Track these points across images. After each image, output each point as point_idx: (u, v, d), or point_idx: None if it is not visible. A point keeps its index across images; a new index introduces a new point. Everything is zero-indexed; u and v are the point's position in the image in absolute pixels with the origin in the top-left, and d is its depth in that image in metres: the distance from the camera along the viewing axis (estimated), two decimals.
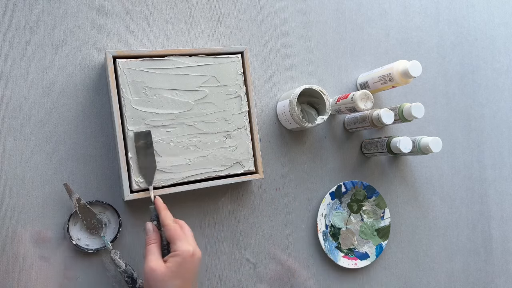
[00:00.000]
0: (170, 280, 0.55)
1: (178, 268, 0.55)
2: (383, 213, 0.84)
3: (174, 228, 0.59)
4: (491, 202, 0.94)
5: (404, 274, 0.86)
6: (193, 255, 0.57)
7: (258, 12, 0.79)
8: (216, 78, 0.70)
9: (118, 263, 0.66)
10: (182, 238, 0.58)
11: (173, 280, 0.55)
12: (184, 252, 0.56)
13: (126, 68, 0.65)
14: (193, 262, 0.57)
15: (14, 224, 0.65)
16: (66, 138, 0.68)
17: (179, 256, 0.56)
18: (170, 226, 0.59)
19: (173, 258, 0.56)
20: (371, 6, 0.87)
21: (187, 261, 0.56)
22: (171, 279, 0.55)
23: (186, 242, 0.57)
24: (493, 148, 0.95)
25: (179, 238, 0.57)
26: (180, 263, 0.56)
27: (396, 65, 0.74)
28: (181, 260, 0.56)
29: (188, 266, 0.56)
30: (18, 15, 0.67)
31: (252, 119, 0.72)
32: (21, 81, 0.66)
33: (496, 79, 0.96)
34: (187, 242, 0.57)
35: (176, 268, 0.55)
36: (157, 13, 0.73)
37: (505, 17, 0.97)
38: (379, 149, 0.80)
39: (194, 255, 0.57)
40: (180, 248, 0.56)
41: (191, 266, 0.56)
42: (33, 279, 0.65)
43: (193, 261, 0.57)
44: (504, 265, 0.94)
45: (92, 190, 0.68)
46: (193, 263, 0.57)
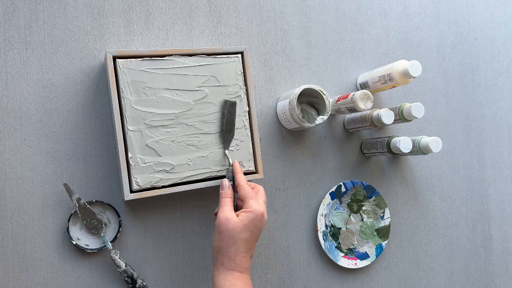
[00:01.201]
0: (240, 231, 0.59)
1: (249, 222, 0.60)
2: (383, 213, 0.84)
3: (247, 188, 0.63)
4: (491, 202, 0.94)
5: (404, 274, 0.86)
6: (263, 215, 0.61)
7: (258, 12, 0.79)
8: (216, 78, 0.70)
9: (118, 263, 0.66)
10: (254, 198, 0.62)
11: (242, 232, 0.59)
12: (256, 210, 0.60)
13: (126, 68, 0.65)
14: (261, 221, 0.61)
15: (14, 224, 0.65)
16: (66, 138, 0.68)
17: (252, 212, 0.60)
18: (244, 186, 0.64)
19: (246, 213, 0.60)
20: (371, 6, 0.87)
21: (257, 219, 0.60)
22: (242, 231, 0.59)
23: (257, 202, 0.62)
24: (493, 148, 0.95)
25: (252, 197, 0.62)
26: (252, 219, 0.60)
27: (396, 65, 0.74)
28: (253, 216, 0.60)
29: (257, 223, 0.60)
30: (18, 15, 0.67)
31: (252, 119, 0.72)
32: (21, 81, 0.66)
33: (496, 79, 0.96)
34: (258, 202, 0.62)
35: (248, 222, 0.60)
36: (157, 13, 0.73)
37: (505, 17, 0.97)
38: (379, 149, 0.80)
39: (263, 216, 0.61)
40: (253, 206, 0.61)
41: (259, 224, 0.61)
42: (33, 279, 0.65)
43: (262, 220, 0.61)
44: (504, 265, 0.94)
45: (92, 190, 0.68)
46: (262, 222, 0.61)
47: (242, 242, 0.59)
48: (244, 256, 0.60)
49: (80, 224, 0.67)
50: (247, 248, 0.60)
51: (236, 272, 0.59)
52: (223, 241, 0.60)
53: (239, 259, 0.59)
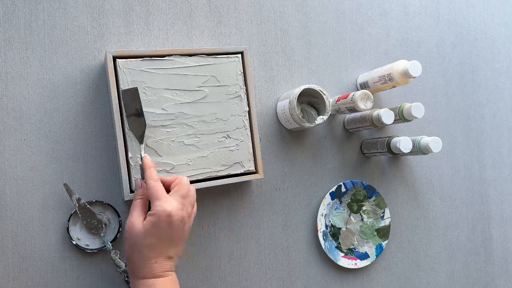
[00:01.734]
0: (144, 238, 0.55)
1: (152, 227, 0.55)
2: (383, 213, 0.84)
3: (154, 186, 0.57)
4: (491, 202, 0.94)
5: (404, 274, 0.86)
6: (170, 216, 0.55)
7: (258, 12, 0.79)
8: (216, 78, 0.70)
9: (118, 263, 0.66)
10: (161, 197, 0.56)
11: (146, 238, 0.55)
12: (159, 212, 0.55)
13: (126, 68, 0.65)
14: (169, 222, 0.55)
15: (14, 224, 0.65)
16: (66, 138, 0.68)
17: (154, 215, 0.55)
18: (150, 184, 0.58)
19: (149, 217, 0.56)
20: (371, 6, 0.87)
21: (162, 221, 0.55)
22: (145, 237, 0.55)
23: (165, 202, 0.56)
24: (493, 148, 0.95)
25: (157, 197, 0.56)
26: (154, 222, 0.55)
27: (396, 65, 0.74)
28: (155, 220, 0.55)
29: (163, 226, 0.55)
30: (18, 15, 0.67)
31: (252, 119, 0.72)
32: (21, 81, 0.66)
33: (496, 79, 0.96)
34: (166, 201, 0.56)
35: (150, 227, 0.55)
36: (157, 13, 0.73)
37: (505, 17, 0.97)
38: (379, 149, 0.80)
39: (170, 216, 0.55)
40: (157, 207, 0.55)
41: (166, 226, 0.55)
42: (33, 279, 0.65)
43: (170, 222, 0.55)
44: (504, 265, 0.94)
45: (92, 190, 0.68)
46: (169, 223, 0.55)
47: (147, 249, 0.55)
48: (155, 261, 0.55)
49: (80, 224, 0.67)
50: (156, 254, 0.55)
51: (149, 279, 0.55)
52: (129, 249, 0.56)
53: (148, 266, 0.55)
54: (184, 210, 0.57)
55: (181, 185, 0.59)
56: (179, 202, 0.57)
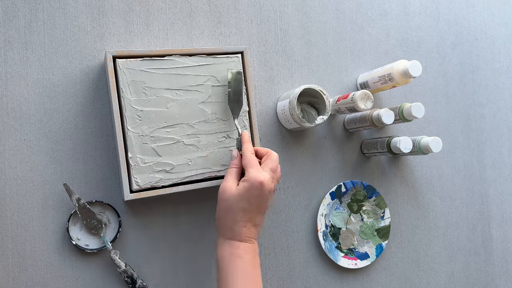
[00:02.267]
0: (236, 201, 0.59)
1: (245, 192, 0.59)
2: (383, 213, 0.84)
3: (249, 157, 0.62)
4: (491, 202, 0.94)
5: (404, 274, 0.86)
6: (262, 183, 0.59)
7: (258, 12, 0.79)
8: (216, 78, 0.69)
9: (118, 263, 0.66)
10: (255, 166, 0.61)
11: (238, 202, 0.59)
12: (252, 179, 0.59)
13: (126, 68, 0.65)
14: (260, 190, 0.59)
15: (14, 224, 0.65)
16: (66, 138, 0.68)
17: (248, 181, 0.59)
18: (246, 155, 0.63)
19: (243, 182, 0.60)
20: (371, 6, 0.87)
21: (254, 187, 0.59)
22: (237, 201, 0.59)
23: (258, 171, 0.60)
24: (493, 148, 0.95)
25: (251, 166, 0.61)
26: (248, 188, 0.59)
27: (396, 65, 0.74)
28: (249, 186, 0.59)
29: (255, 192, 0.59)
30: (18, 15, 0.67)
31: (252, 119, 0.72)
32: (21, 81, 0.66)
33: (496, 79, 0.96)
34: (259, 171, 0.60)
35: (244, 192, 0.59)
36: (157, 13, 0.73)
37: (505, 17, 0.97)
38: (379, 149, 0.80)
39: (263, 184, 0.59)
40: (251, 174, 0.59)
41: (258, 193, 0.59)
42: (33, 279, 0.65)
43: (261, 189, 0.59)
44: (504, 265, 0.94)
45: (92, 190, 0.68)
46: (261, 191, 0.59)
47: (239, 211, 0.59)
48: (244, 225, 0.59)
49: (80, 224, 0.67)
50: (246, 218, 0.59)
51: (236, 241, 0.59)
52: (221, 211, 0.60)
53: (238, 228, 0.59)
54: (273, 182, 0.62)
55: (272, 159, 0.63)
56: (269, 174, 0.61)
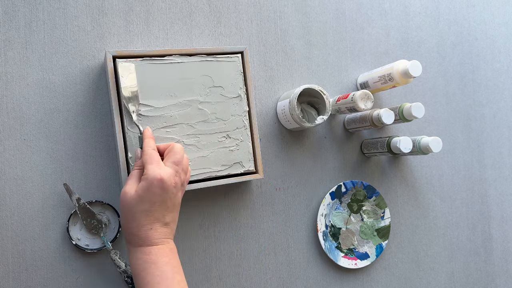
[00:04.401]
0: (136, 204, 0.54)
1: (144, 192, 0.54)
2: (383, 213, 0.84)
3: (149, 153, 0.57)
4: (491, 202, 0.94)
5: (404, 274, 0.86)
6: (162, 180, 0.54)
7: (258, 12, 0.79)
8: (215, 78, 0.69)
9: (118, 263, 0.66)
10: (153, 162, 0.56)
11: (139, 204, 0.54)
12: (150, 176, 0.54)
13: (126, 68, 0.65)
14: (161, 187, 0.54)
15: (14, 224, 0.65)
16: (66, 138, 0.68)
17: (145, 180, 0.55)
18: (145, 151, 0.58)
19: (142, 182, 0.55)
20: (371, 6, 0.87)
21: (154, 185, 0.54)
22: (138, 203, 0.54)
23: (157, 167, 0.55)
24: (493, 148, 0.95)
25: (150, 162, 0.56)
26: (147, 187, 0.54)
27: (396, 65, 0.74)
28: (147, 184, 0.54)
29: (155, 190, 0.54)
30: (18, 15, 0.67)
31: (252, 119, 0.72)
32: (21, 81, 0.66)
33: (496, 79, 0.96)
34: (158, 166, 0.55)
35: (142, 192, 0.54)
36: (157, 13, 0.73)
37: (505, 17, 0.97)
38: (379, 149, 0.80)
39: (163, 180, 0.54)
40: (148, 172, 0.55)
41: (159, 191, 0.54)
42: (33, 279, 0.65)
43: (162, 186, 0.54)
44: (504, 265, 0.94)
45: (92, 190, 0.68)
46: (162, 188, 0.54)
47: (141, 215, 0.54)
48: (150, 228, 0.54)
49: (80, 224, 0.67)
50: (151, 219, 0.55)
51: (146, 247, 0.54)
52: (124, 217, 0.56)
53: (144, 232, 0.54)
54: (177, 176, 0.57)
55: (174, 151, 0.58)
56: (172, 168, 0.57)
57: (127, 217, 0.55)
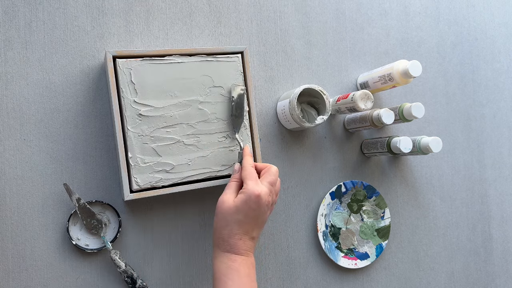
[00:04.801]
0: (233, 213, 0.59)
1: (242, 204, 0.59)
2: (383, 213, 0.84)
3: (248, 170, 0.63)
4: (491, 202, 0.94)
5: (404, 274, 0.86)
6: (259, 196, 0.59)
7: (258, 12, 0.79)
8: (215, 78, 0.69)
9: (118, 263, 0.66)
10: (253, 179, 0.61)
11: (235, 213, 0.59)
12: (250, 191, 0.59)
13: (126, 68, 0.65)
14: (257, 202, 0.59)
15: (14, 224, 0.65)
16: (66, 138, 0.68)
17: (245, 193, 0.59)
18: (245, 168, 0.63)
19: (240, 195, 0.60)
20: (371, 6, 0.87)
21: (251, 200, 0.59)
22: (234, 212, 0.59)
23: (256, 184, 0.60)
24: (493, 148, 0.95)
25: (250, 178, 0.61)
26: (245, 200, 0.59)
27: (396, 65, 0.74)
28: (245, 198, 0.59)
29: (251, 205, 0.59)
30: (18, 15, 0.67)
31: (252, 119, 0.72)
32: (21, 81, 0.66)
33: (496, 79, 0.96)
34: (257, 184, 0.60)
35: (241, 204, 0.59)
36: (157, 13, 0.73)
37: (505, 17, 0.97)
38: (379, 149, 0.80)
39: (259, 197, 0.59)
40: (248, 186, 0.60)
41: (254, 206, 0.59)
42: (33, 279, 0.65)
43: (258, 202, 0.59)
44: (504, 265, 0.94)
45: (92, 190, 0.68)
46: (258, 204, 0.59)
47: (235, 224, 0.59)
48: (240, 238, 0.59)
49: (80, 224, 0.67)
50: (242, 230, 0.59)
51: (232, 254, 0.59)
52: (218, 223, 0.60)
53: (234, 241, 0.59)
54: (270, 196, 0.62)
55: (271, 172, 0.64)
56: (267, 187, 0.61)
57: (221, 223, 0.60)
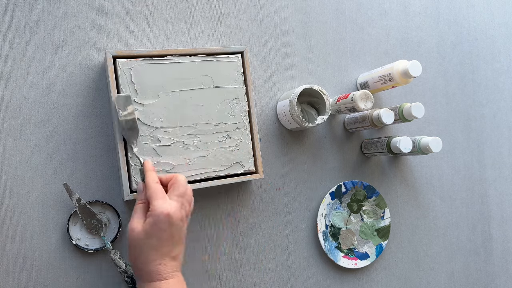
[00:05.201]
0: (144, 239, 0.54)
1: (151, 228, 0.54)
2: (383, 213, 0.84)
3: (153, 187, 0.57)
4: (491, 202, 0.94)
5: (404, 274, 0.86)
6: (168, 215, 0.54)
7: (258, 12, 0.79)
8: (216, 78, 0.69)
9: (118, 263, 0.66)
10: (159, 197, 0.56)
11: (147, 240, 0.54)
12: (157, 212, 0.54)
13: (126, 68, 0.65)
14: (168, 222, 0.54)
15: (14, 224, 0.65)
16: (66, 138, 0.68)
17: (152, 215, 0.54)
18: (149, 185, 0.57)
19: (148, 218, 0.55)
20: (371, 6, 0.87)
21: (161, 221, 0.54)
22: (145, 239, 0.54)
23: (163, 201, 0.55)
24: (493, 148, 0.95)
25: (155, 198, 0.55)
26: (154, 222, 0.54)
27: (396, 65, 0.74)
28: (153, 220, 0.54)
29: (162, 226, 0.54)
30: (18, 15, 0.67)
31: (252, 119, 0.72)
32: (21, 81, 0.66)
33: (496, 79, 0.96)
34: (164, 201, 0.55)
35: (150, 228, 0.54)
36: (157, 13, 0.73)
37: (505, 17, 0.97)
38: (379, 149, 0.80)
39: (169, 215, 0.54)
40: (154, 207, 0.55)
41: (165, 226, 0.54)
42: (33, 279, 0.65)
43: (169, 221, 0.54)
44: (504, 265, 0.94)
45: (92, 190, 0.68)
46: (169, 223, 0.54)
47: (149, 250, 0.54)
48: (160, 263, 0.54)
49: (80, 224, 0.67)
50: (159, 255, 0.55)
51: (155, 282, 0.54)
52: (132, 253, 0.56)
53: (154, 268, 0.54)
54: (182, 209, 0.57)
55: (178, 184, 0.58)
56: (177, 201, 0.57)
57: (135, 253, 0.55)
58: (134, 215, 0.57)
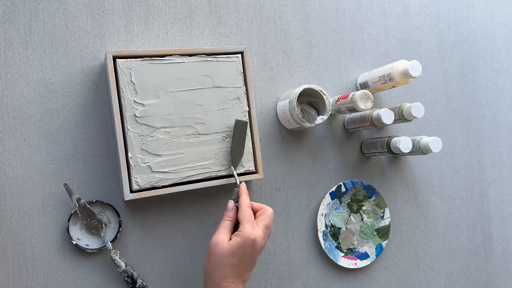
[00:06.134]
0: (227, 256, 0.58)
1: (237, 248, 0.58)
2: (383, 213, 0.84)
3: (246, 211, 0.61)
4: (491, 202, 0.94)
5: (404, 274, 0.86)
6: (254, 241, 0.58)
7: (258, 12, 0.79)
8: (216, 78, 0.69)
9: (118, 263, 0.66)
10: (250, 221, 0.60)
11: (230, 257, 0.58)
12: (246, 235, 0.58)
13: (126, 68, 0.65)
14: (252, 247, 0.58)
15: (14, 224, 0.65)
16: (66, 138, 0.68)
17: (241, 237, 0.58)
18: (243, 209, 0.62)
19: (236, 237, 0.58)
20: (371, 6, 0.87)
21: (247, 244, 0.58)
22: (228, 256, 0.58)
23: (252, 227, 0.59)
24: (493, 148, 0.95)
25: (247, 221, 0.60)
26: (241, 244, 0.58)
27: (396, 65, 0.74)
28: (242, 241, 0.58)
29: (246, 249, 0.58)
30: (18, 15, 0.67)
31: (252, 119, 0.72)
32: (21, 81, 0.66)
33: (496, 79, 0.96)
34: (253, 227, 0.59)
35: (236, 248, 0.58)
36: (157, 13, 0.73)
37: (505, 17, 0.97)
38: (379, 149, 0.80)
39: (255, 241, 0.58)
40: (245, 230, 0.58)
41: (250, 250, 0.58)
42: (33, 279, 0.65)
43: (253, 246, 0.58)
44: (504, 265, 0.94)
45: (92, 190, 0.68)
46: (253, 248, 0.58)
47: (228, 267, 0.57)
48: (232, 281, 0.57)
49: (80, 224, 0.67)
50: (235, 274, 0.58)
51: None
52: (211, 264, 0.59)
53: (225, 284, 0.57)
54: (264, 239, 0.60)
55: (267, 215, 0.62)
56: (263, 231, 0.60)
57: (214, 266, 0.58)
58: (221, 230, 0.61)
